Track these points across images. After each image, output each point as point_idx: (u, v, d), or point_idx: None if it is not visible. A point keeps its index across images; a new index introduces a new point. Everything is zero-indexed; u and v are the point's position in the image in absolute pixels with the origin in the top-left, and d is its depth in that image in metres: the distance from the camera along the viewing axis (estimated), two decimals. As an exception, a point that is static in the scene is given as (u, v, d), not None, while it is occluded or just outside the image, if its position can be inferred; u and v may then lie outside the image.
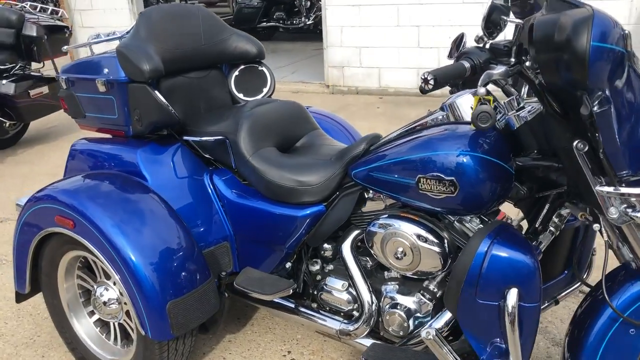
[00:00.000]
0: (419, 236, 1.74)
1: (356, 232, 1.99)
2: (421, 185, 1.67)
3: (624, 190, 1.34)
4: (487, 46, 1.57)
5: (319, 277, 2.12)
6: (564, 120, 1.41)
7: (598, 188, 1.39)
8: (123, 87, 2.16)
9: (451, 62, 2.00)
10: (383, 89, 7.01)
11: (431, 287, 1.87)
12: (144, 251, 1.85)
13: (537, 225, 1.68)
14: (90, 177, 2.09)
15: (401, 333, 1.88)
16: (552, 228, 1.69)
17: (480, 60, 1.48)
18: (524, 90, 1.72)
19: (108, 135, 2.39)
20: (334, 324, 2.01)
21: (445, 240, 1.73)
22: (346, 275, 2.02)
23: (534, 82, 1.40)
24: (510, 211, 1.82)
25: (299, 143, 2.31)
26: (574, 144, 1.41)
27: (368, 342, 1.96)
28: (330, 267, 2.08)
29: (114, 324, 2.18)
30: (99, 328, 2.27)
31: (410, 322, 1.85)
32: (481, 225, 1.71)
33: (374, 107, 6.49)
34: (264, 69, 2.56)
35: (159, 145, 2.20)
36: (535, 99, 1.55)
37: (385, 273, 1.97)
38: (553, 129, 1.45)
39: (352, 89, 7.16)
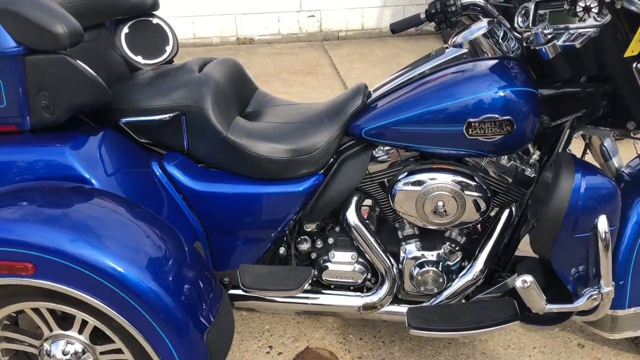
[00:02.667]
0: (463, 186, 1.64)
1: (357, 196, 1.78)
2: (471, 131, 1.55)
3: None
4: None
5: (314, 255, 1.87)
6: (626, 44, 1.43)
7: None
8: (16, 62, 1.49)
9: None
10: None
11: (453, 235, 1.81)
12: (159, 275, 1.36)
13: (559, 152, 1.71)
14: (14, 197, 1.43)
15: (435, 290, 1.78)
16: (570, 151, 1.75)
17: None
18: (524, 19, 1.69)
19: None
20: (356, 301, 1.81)
21: (483, 185, 1.66)
22: (351, 245, 1.83)
23: (614, 6, 1.37)
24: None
25: (251, 107, 1.94)
26: (634, 64, 1.45)
27: (396, 309, 1.83)
28: (330, 240, 1.84)
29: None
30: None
31: (445, 276, 1.77)
32: (514, 162, 1.68)
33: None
34: (159, 22, 2.05)
35: (85, 136, 1.61)
36: (574, 25, 1.53)
37: (399, 233, 1.83)
38: (611, 53, 1.47)
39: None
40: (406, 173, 1.70)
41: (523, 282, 1.50)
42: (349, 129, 1.72)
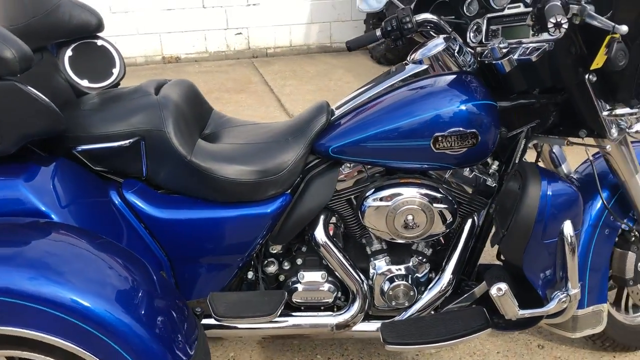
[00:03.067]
0: (431, 199, 1.66)
1: (324, 214, 1.76)
2: (438, 145, 1.58)
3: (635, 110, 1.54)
4: None
5: (282, 278, 1.83)
6: (579, 56, 1.51)
7: (604, 113, 1.56)
8: (-43, 91, 1.38)
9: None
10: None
11: (420, 248, 1.83)
12: (130, 307, 1.27)
13: (517, 161, 1.77)
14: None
15: (406, 303, 1.79)
16: (526, 159, 1.81)
17: None
18: (476, 35, 1.75)
19: None
20: (328, 321, 1.78)
21: (449, 196, 1.69)
22: (320, 265, 1.81)
23: (572, 22, 1.43)
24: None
25: (209, 129, 1.89)
26: (587, 76, 1.53)
27: (367, 326, 1.81)
28: (298, 261, 1.81)
29: None
30: None
31: (415, 289, 1.78)
32: (476, 173, 1.72)
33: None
34: (104, 43, 1.95)
35: (37, 167, 1.50)
36: (528, 40, 1.59)
37: (367, 249, 1.83)
38: (565, 65, 1.53)
39: None
40: (373, 189, 1.70)
41: (498, 290, 1.53)
42: (314, 147, 1.70)
